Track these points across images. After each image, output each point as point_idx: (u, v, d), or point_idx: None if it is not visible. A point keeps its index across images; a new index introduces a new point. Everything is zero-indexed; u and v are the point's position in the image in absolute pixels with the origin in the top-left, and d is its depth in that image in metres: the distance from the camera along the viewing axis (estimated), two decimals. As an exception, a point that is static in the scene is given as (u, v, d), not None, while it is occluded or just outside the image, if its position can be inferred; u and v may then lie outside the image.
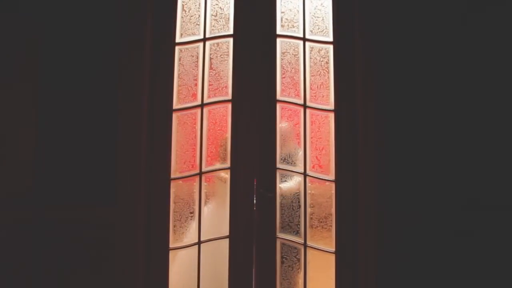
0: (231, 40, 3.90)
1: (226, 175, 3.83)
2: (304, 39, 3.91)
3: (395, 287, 3.64)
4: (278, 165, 3.83)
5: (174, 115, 3.86)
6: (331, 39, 3.90)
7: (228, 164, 3.83)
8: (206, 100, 3.88)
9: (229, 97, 3.87)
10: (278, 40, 3.90)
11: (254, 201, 3.78)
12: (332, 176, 3.81)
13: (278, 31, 3.91)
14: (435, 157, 3.72)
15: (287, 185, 3.83)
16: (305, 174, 3.84)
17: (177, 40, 3.90)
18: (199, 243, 3.81)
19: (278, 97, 3.87)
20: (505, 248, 3.65)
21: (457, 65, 3.77)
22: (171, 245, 3.80)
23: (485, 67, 3.77)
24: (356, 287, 3.70)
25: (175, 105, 3.87)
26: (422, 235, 3.65)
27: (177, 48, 3.90)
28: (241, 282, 3.75)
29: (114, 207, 3.65)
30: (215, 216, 3.84)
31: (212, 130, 3.88)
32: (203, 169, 3.85)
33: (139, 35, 3.77)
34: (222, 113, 3.88)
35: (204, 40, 3.91)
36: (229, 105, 3.86)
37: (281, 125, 3.85)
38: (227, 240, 3.79)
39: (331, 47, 3.89)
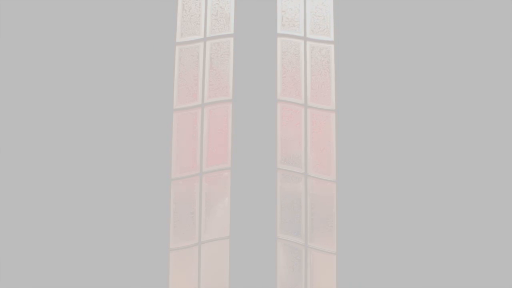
0: (231, 39, 3.89)
1: (226, 175, 3.82)
2: (305, 39, 3.89)
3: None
4: (279, 166, 3.81)
5: (175, 115, 3.85)
6: (332, 38, 3.87)
7: (228, 164, 3.82)
8: (206, 100, 3.87)
9: (230, 97, 3.85)
10: (279, 39, 3.88)
11: (255, 202, 3.76)
12: (333, 177, 3.79)
13: (279, 31, 3.89)
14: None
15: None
16: (306, 175, 3.82)
17: (178, 39, 3.89)
18: (199, 243, 3.80)
19: (279, 97, 3.85)
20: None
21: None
22: (171, 246, 3.80)
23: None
24: (357, 288, 3.70)
25: (175, 105, 3.86)
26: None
27: (177, 47, 3.89)
28: (241, 283, 3.74)
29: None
30: (216, 216, 3.83)
31: (212, 130, 3.87)
32: (204, 169, 3.84)
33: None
34: (223, 113, 3.86)
35: (205, 39, 3.90)
36: (230, 105, 3.84)
37: (282, 125, 3.83)
38: (227, 240, 3.78)
39: (332, 46, 3.86)
